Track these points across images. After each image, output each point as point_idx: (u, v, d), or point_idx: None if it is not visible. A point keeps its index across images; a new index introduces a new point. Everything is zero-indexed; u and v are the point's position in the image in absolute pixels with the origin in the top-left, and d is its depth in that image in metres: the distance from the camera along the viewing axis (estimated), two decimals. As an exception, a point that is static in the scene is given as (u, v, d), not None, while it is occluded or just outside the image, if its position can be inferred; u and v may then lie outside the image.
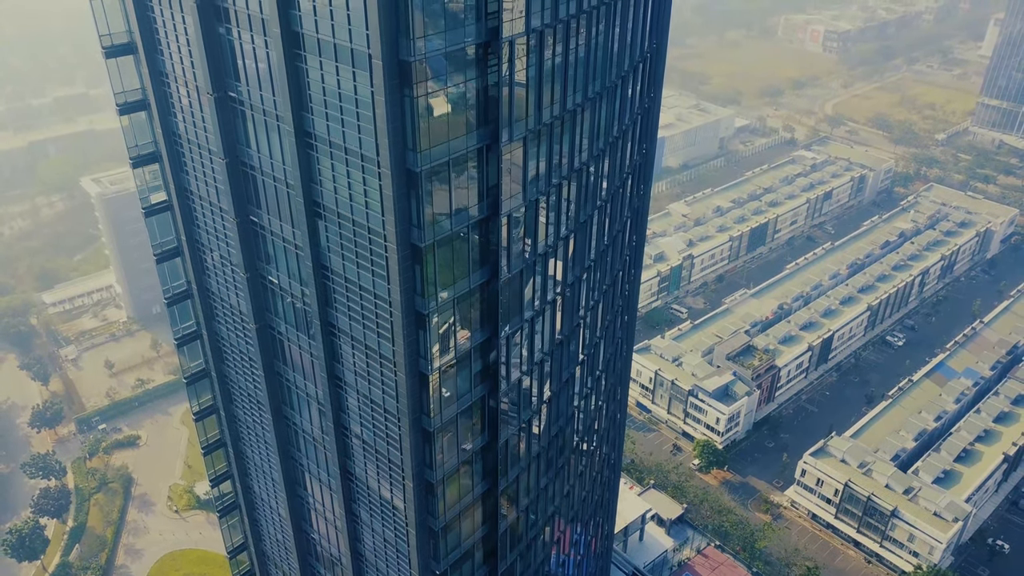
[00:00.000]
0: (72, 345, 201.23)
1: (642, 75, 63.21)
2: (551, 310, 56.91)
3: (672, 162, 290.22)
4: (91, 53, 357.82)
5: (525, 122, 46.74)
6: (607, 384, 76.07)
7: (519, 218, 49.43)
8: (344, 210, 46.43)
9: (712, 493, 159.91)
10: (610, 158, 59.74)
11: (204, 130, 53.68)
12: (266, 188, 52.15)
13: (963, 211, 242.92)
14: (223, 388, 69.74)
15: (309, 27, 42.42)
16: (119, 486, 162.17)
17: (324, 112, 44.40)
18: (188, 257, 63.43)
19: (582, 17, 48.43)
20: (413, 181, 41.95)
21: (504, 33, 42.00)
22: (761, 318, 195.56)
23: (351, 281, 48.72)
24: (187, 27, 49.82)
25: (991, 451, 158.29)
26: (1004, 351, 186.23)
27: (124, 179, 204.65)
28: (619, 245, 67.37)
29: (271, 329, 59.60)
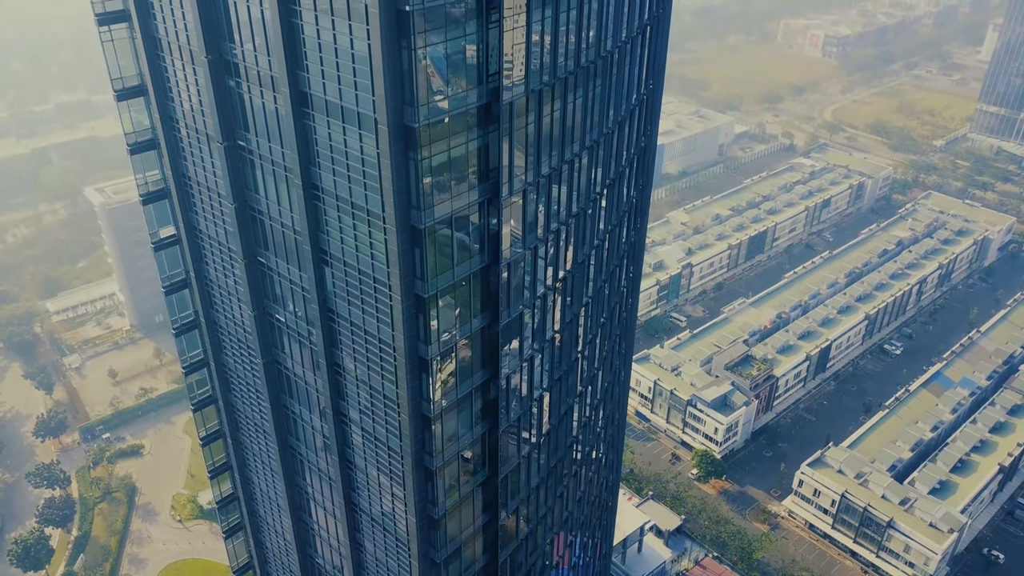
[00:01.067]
0: (76, 354, 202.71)
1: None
2: (550, 348, 58.32)
3: (672, 169, 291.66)
4: (93, 58, 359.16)
5: (524, 176, 48.28)
6: (606, 399, 76.99)
7: (519, 263, 50.94)
8: (350, 259, 47.94)
9: (710, 503, 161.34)
10: (608, 199, 61.20)
11: (213, 175, 55.19)
12: (274, 232, 53.63)
13: (961, 219, 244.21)
14: (229, 416, 71.24)
15: (317, 89, 43.94)
16: (123, 495, 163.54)
17: (331, 168, 45.92)
18: (196, 290, 64.90)
19: (579, 73, 49.93)
20: (417, 237, 43.47)
21: (504, 98, 43.50)
22: (760, 327, 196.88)
23: (356, 325, 50.24)
24: (198, 78, 51.29)
25: (987, 462, 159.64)
26: (1000, 361, 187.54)
27: (127, 188, 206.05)
28: (616, 281, 68.69)
29: (278, 364, 61.12)
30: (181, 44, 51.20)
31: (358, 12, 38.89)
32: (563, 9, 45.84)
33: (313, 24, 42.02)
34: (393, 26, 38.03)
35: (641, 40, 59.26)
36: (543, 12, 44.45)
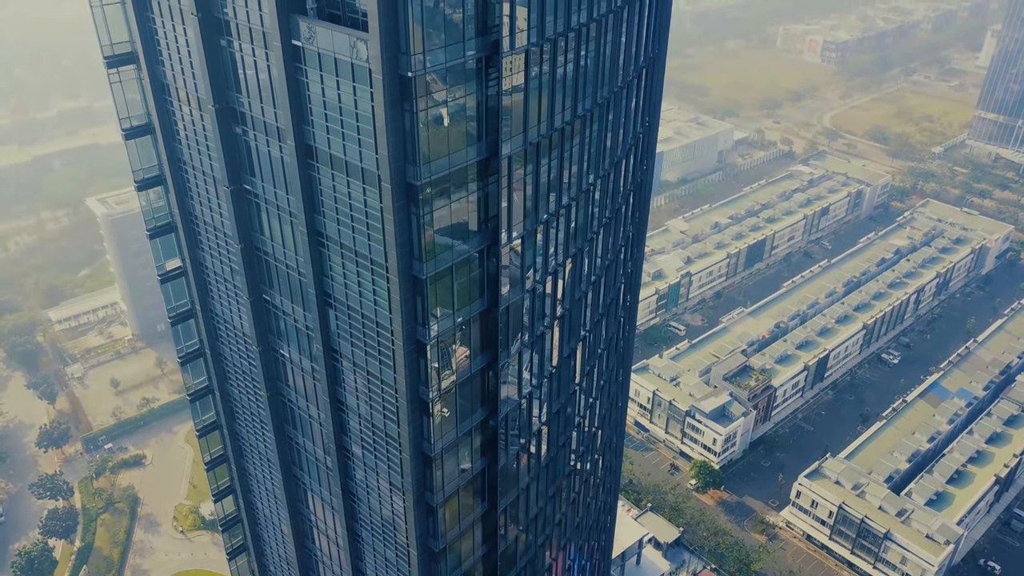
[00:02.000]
0: (78, 363, 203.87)
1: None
2: (548, 383, 59.41)
3: (671, 176, 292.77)
4: (95, 64, 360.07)
5: (523, 223, 49.59)
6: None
7: (518, 308, 52.20)
8: (354, 304, 49.18)
9: (709, 514, 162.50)
10: (604, 236, 62.25)
11: (220, 215, 56.40)
12: (279, 272, 54.86)
13: (959, 227, 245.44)
14: (234, 444, 72.44)
15: (322, 143, 45.20)
16: (125, 506, 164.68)
17: (336, 217, 47.16)
18: (202, 322, 66.11)
19: (576, 122, 51.15)
20: (419, 286, 44.72)
21: (503, 152, 44.79)
22: (758, 337, 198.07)
23: (359, 365, 51.48)
24: (205, 124, 52.48)
25: (983, 473, 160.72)
26: (997, 371, 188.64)
27: (129, 199, 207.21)
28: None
29: (281, 396, 62.34)
30: (189, 91, 52.45)
31: (362, 75, 40.14)
32: (560, 64, 47.07)
33: (319, 83, 43.26)
34: (396, 90, 39.28)
35: (637, 83, 60.46)
36: (540, 69, 45.70)
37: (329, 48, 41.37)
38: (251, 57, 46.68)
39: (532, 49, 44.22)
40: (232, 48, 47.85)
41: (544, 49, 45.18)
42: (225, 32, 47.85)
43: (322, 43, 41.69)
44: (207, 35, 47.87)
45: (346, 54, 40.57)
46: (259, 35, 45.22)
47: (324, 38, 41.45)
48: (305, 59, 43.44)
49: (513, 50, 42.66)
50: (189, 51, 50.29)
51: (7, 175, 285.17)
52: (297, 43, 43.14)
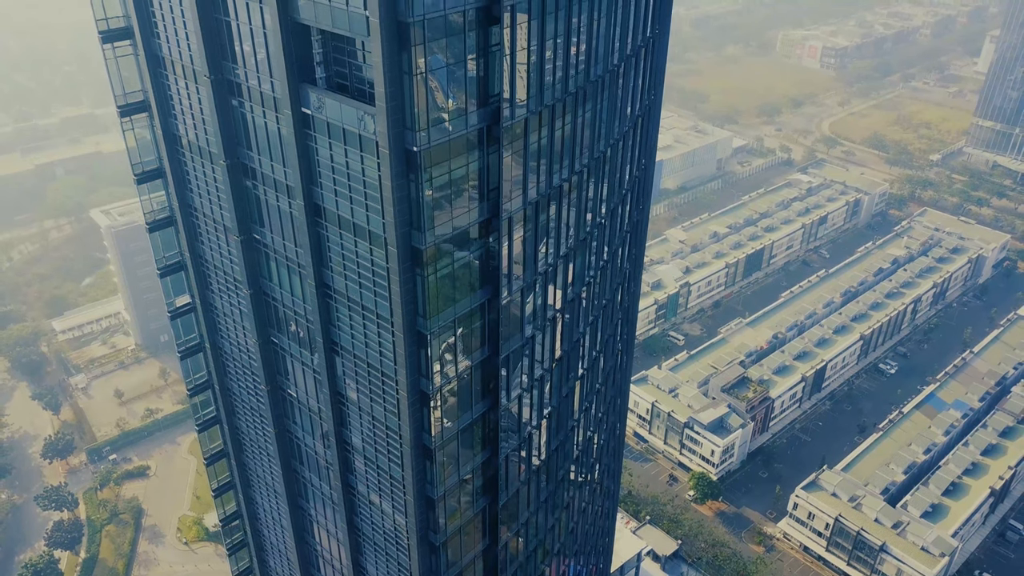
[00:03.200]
0: (82, 374, 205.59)
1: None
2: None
3: (670, 184, 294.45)
4: (97, 71, 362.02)
5: (523, 277, 51.40)
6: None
7: (518, 356, 54.00)
8: (360, 353, 50.95)
9: (707, 526, 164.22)
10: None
11: (229, 260, 58.15)
12: (287, 318, 56.64)
13: (956, 236, 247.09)
14: (242, 474, 74.19)
15: (330, 204, 46.99)
16: (130, 517, 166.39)
17: (343, 273, 48.94)
18: (211, 356, 67.89)
19: (574, 178, 52.94)
20: (423, 340, 46.52)
21: (504, 213, 46.55)
22: (756, 347, 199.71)
23: (364, 410, 53.26)
24: (216, 176, 54.24)
25: (978, 485, 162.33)
26: (993, 382, 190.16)
27: (132, 210, 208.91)
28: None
29: (289, 433, 64.13)
30: (201, 145, 54.20)
31: (369, 146, 41.88)
32: (557, 128, 48.89)
33: (327, 149, 45.01)
34: (402, 162, 41.04)
35: (633, 131, 61.92)
36: (539, 134, 47.55)
37: (338, 119, 43.15)
38: (262, 119, 48.45)
39: (531, 116, 46.02)
40: (243, 109, 49.63)
41: (542, 115, 46.95)
42: (237, 93, 49.60)
43: (331, 113, 43.48)
44: (219, 95, 49.63)
45: (354, 126, 42.34)
46: (270, 100, 46.98)
47: (333, 109, 43.22)
48: (314, 126, 45.20)
49: (514, 119, 44.46)
50: (201, 108, 52.04)
51: (10, 183, 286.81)
52: (307, 111, 44.92)
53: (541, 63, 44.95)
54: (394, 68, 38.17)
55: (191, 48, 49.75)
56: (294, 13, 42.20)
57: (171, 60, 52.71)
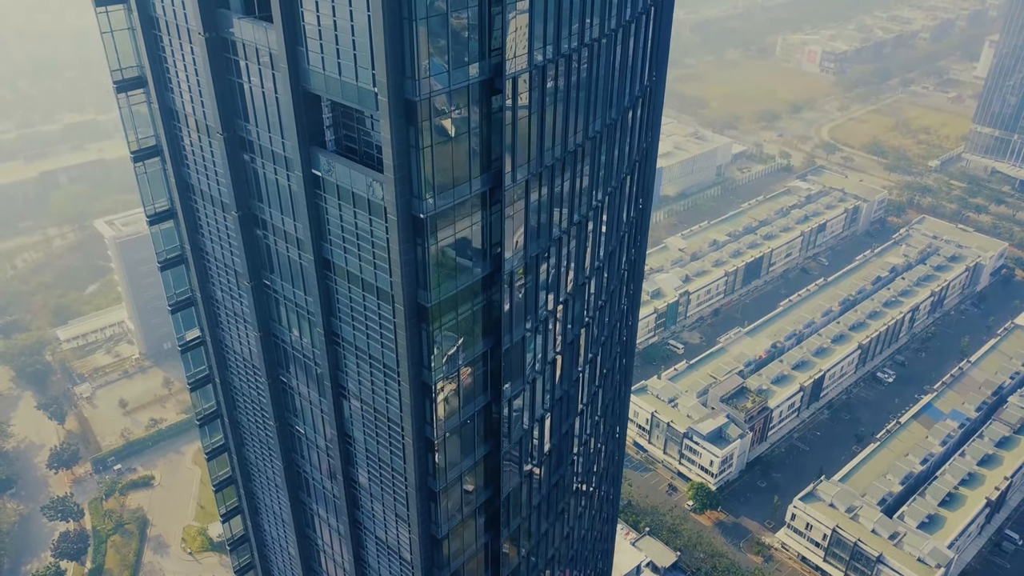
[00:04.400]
0: (87, 383, 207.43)
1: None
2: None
3: (670, 191, 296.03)
4: (99, 77, 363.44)
5: (523, 324, 53.22)
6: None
7: (518, 400, 55.82)
8: (367, 399, 52.72)
9: (706, 536, 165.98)
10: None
11: (240, 303, 59.91)
12: (296, 360, 58.42)
13: (954, 244, 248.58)
14: (251, 505, 75.98)
15: (339, 260, 48.72)
16: (135, 528, 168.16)
17: (351, 323, 50.68)
18: (219, 387, 69.73)
19: (573, 229, 54.74)
20: (427, 390, 48.32)
21: (506, 268, 48.35)
22: (755, 357, 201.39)
23: (371, 452, 55.06)
24: (228, 225, 55.97)
25: (974, 495, 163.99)
26: (990, 392, 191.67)
27: (136, 220, 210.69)
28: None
29: (297, 468, 65.95)
30: (213, 195, 55.93)
31: (377, 210, 43.58)
32: (557, 186, 50.73)
33: (336, 209, 46.74)
34: (409, 228, 42.79)
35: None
36: (539, 193, 49.36)
37: (347, 182, 44.86)
38: (273, 175, 50.16)
39: (532, 178, 47.78)
40: (255, 164, 51.36)
41: (542, 176, 48.70)
42: (249, 149, 51.31)
43: (340, 177, 45.19)
44: (231, 150, 51.34)
45: (363, 190, 44.07)
46: (281, 159, 48.69)
47: (343, 173, 44.93)
48: (324, 187, 46.92)
49: (515, 183, 46.23)
50: (214, 160, 53.74)
51: (14, 191, 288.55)
52: (317, 173, 46.64)
53: (541, 127, 46.68)
54: (402, 142, 39.91)
55: (204, 105, 51.47)
56: (305, 83, 43.91)
57: (184, 114, 54.45)
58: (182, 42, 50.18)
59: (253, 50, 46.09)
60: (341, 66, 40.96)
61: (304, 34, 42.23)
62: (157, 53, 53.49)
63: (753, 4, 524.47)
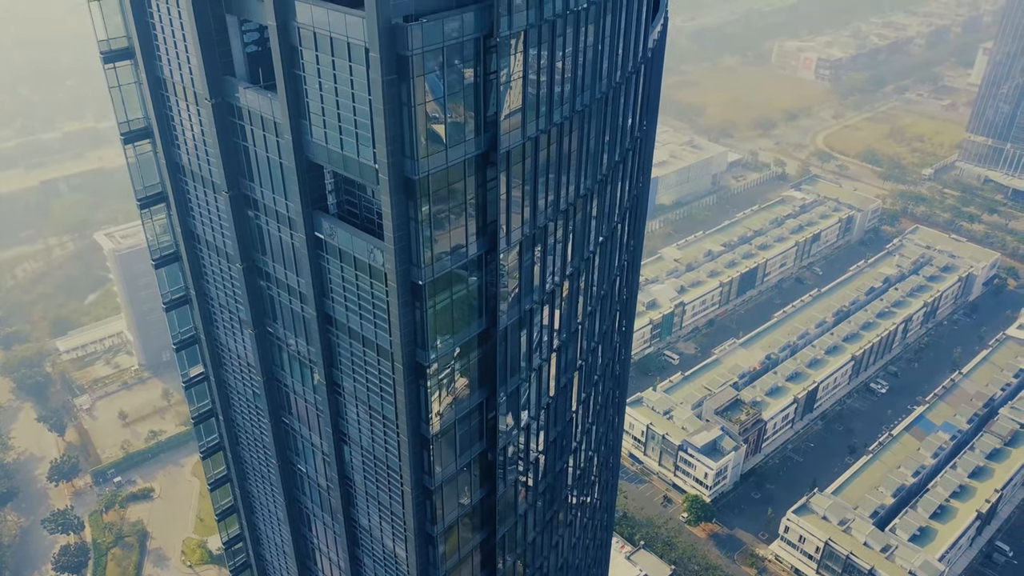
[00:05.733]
0: (86, 394, 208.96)
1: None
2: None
3: (665, 199, 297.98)
4: (99, 85, 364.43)
5: (520, 373, 55.15)
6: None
7: (515, 447, 57.72)
8: (367, 445, 54.57)
9: (700, 548, 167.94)
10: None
11: (244, 348, 61.75)
12: (298, 404, 60.24)
13: (946, 255, 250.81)
14: (253, 539, 77.75)
15: (340, 316, 50.53)
16: (135, 540, 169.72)
17: (352, 375, 52.54)
18: (222, 418, 71.52)
19: (567, 283, 56.56)
20: (426, 442, 50.28)
21: (500, 324, 50.27)
22: (749, 368, 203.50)
23: (371, 495, 56.90)
24: (233, 278, 57.80)
25: (965, 508, 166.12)
26: (981, 403, 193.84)
27: (135, 233, 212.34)
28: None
29: (298, 503, 67.76)
30: (218, 246, 57.70)
31: (378, 274, 45.40)
32: (550, 246, 52.63)
33: (339, 271, 48.54)
34: (408, 292, 44.61)
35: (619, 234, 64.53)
36: (532, 254, 51.16)
37: (349, 247, 46.66)
38: (276, 232, 51.92)
39: (525, 240, 49.69)
40: (259, 221, 53.14)
41: (535, 236, 50.58)
42: (253, 207, 53.11)
43: (342, 241, 47.01)
44: (236, 206, 53.10)
45: (364, 255, 45.85)
46: (284, 219, 50.50)
47: (344, 238, 46.74)
48: (326, 248, 48.72)
49: (509, 247, 48.08)
50: (219, 214, 55.48)
51: (15, 199, 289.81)
52: (320, 235, 48.47)
53: (534, 192, 48.53)
54: (401, 215, 41.74)
55: (210, 163, 53.23)
56: (308, 153, 45.69)
57: (190, 170, 56.23)
58: (188, 103, 51.94)
59: (258, 117, 47.86)
60: (343, 142, 42.79)
61: (308, 109, 44.05)
62: (164, 111, 55.23)
63: (750, 10, 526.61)
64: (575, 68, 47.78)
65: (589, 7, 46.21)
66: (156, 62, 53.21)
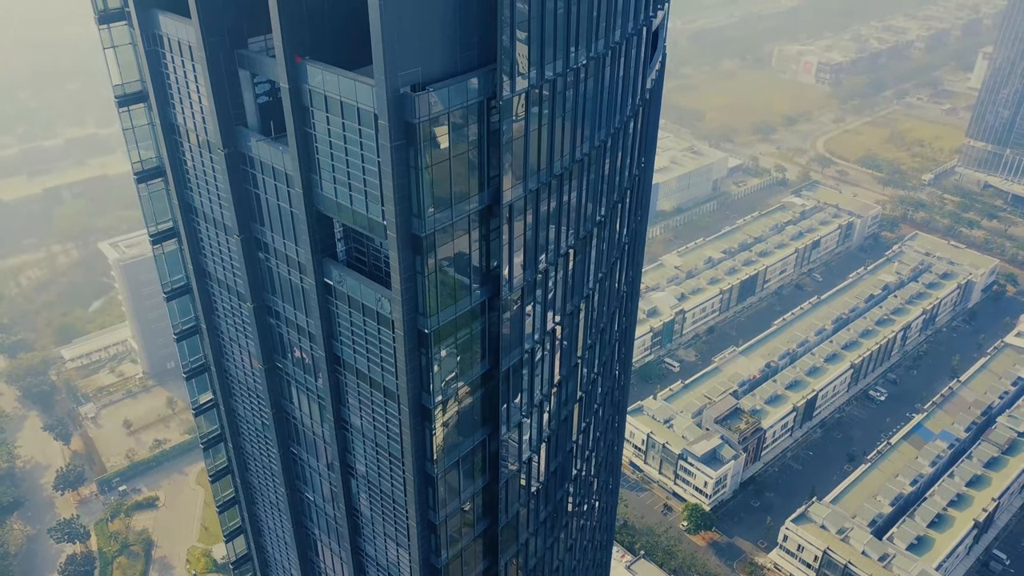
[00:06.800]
0: (91, 403, 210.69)
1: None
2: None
3: (666, 206, 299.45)
4: (100, 90, 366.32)
5: (520, 414, 56.88)
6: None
7: (515, 479, 59.48)
8: (373, 480, 56.25)
9: (700, 557, 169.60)
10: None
11: (254, 381, 63.41)
12: (306, 436, 61.93)
13: (946, 261, 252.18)
14: (260, 561, 79.49)
15: (349, 358, 52.23)
16: (140, 549, 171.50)
17: (359, 412, 54.22)
18: (231, 444, 73.25)
19: (566, 319, 58.11)
20: (431, 481, 51.98)
21: (502, 366, 51.96)
22: (749, 377, 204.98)
23: (377, 528, 58.61)
24: (243, 315, 59.47)
25: (963, 517, 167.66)
26: (979, 412, 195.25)
27: (139, 243, 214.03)
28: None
29: (306, 529, 69.47)
30: (229, 284, 59.32)
31: (385, 322, 47.08)
32: (550, 288, 54.31)
33: (347, 316, 50.16)
34: (414, 340, 46.28)
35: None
36: (534, 296, 52.86)
37: (357, 294, 48.30)
38: (286, 275, 53.58)
39: (527, 286, 51.37)
40: (269, 263, 54.80)
41: (537, 281, 52.24)
42: (264, 249, 54.75)
43: (351, 288, 48.64)
44: (247, 248, 54.73)
45: (372, 303, 47.50)
46: (295, 263, 52.13)
47: (353, 286, 48.38)
48: (335, 294, 50.38)
49: (511, 292, 49.75)
50: (231, 255, 57.08)
51: (18, 207, 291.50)
52: (329, 282, 50.14)
53: (535, 245, 50.21)
54: (408, 268, 43.38)
55: (222, 207, 54.80)
56: (319, 205, 47.31)
57: (202, 211, 57.83)
58: (202, 151, 53.52)
59: (270, 168, 49.47)
60: (353, 198, 44.42)
61: (318, 165, 45.67)
62: (177, 155, 56.84)
63: (750, 13, 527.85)
64: (575, 120, 49.38)
65: (588, 63, 47.89)
66: (170, 109, 54.79)
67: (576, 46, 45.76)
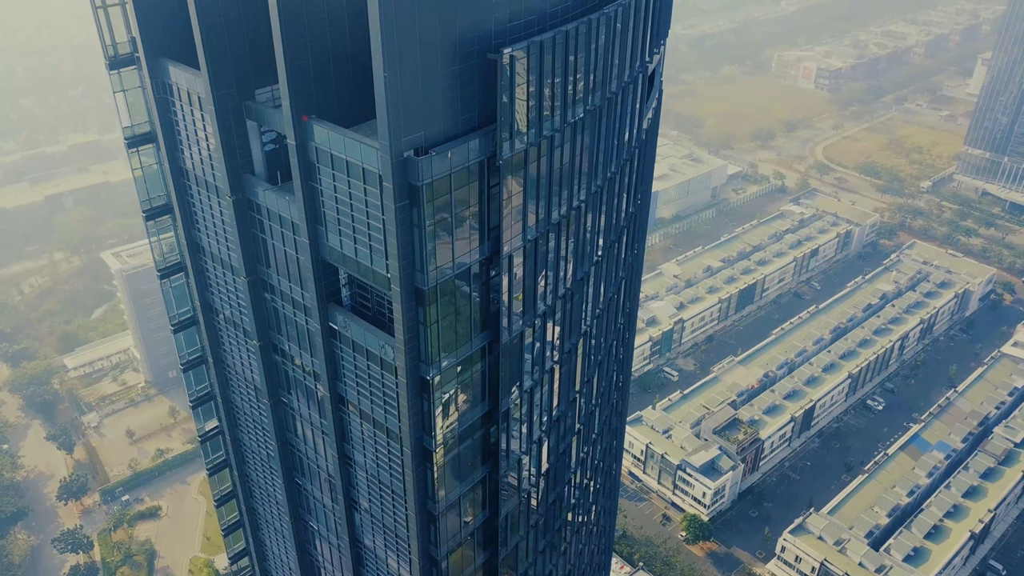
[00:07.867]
0: (94, 412, 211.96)
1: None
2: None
3: (665, 213, 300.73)
4: (102, 96, 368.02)
5: (520, 448, 58.27)
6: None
7: (515, 513, 60.97)
8: (376, 513, 57.71)
9: (698, 567, 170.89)
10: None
11: (260, 415, 64.89)
12: (311, 468, 63.37)
13: (943, 270, 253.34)
14: (259, 554, 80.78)
15: (352, 399, 53.74)
16: (143, 559, 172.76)
17: (363, 449, 55.67)
18: (236, 469, 74.63)
19: (564, 359, 59.49)
20: (432, 519, 53.43)
21: (502, 407, 53.38)
22: (747, 387, 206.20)
23: (380, 559, 60.03)
24: (249, 351, 60.85)
25: (959, 528, 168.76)
26: (976, 422, 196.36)
27: (142, 252, 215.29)
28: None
29: (310, 557, 70.90)
30: (236, 321, 60.76)
31: (389, 367, 48.51)
32: (549, 332, 55.78)
33: (352, 360, 51.61)
34: (417, 386, 47.73)
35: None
36: (534, 338, 54.29)
37: (362, 340, 49.75)
38: (292, 316, 54.98)
39: (527, 328, 52.79)
40: (275, 304, 56.18)
41: (536, 324, 53.73)
42: (270, 291, 56.15)
43: (355, 334, 50.10)
44: (254, 289, 56.17)
45: (376, 348, 48.94)
46: (300, 306, 53.55)
47: (358, 332, 49.84)
48: (340, 338, 51.82)
49: (511, 336, 51.20)
50: (237, 293, 58.51)
51: (21, 214, 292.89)
52: (334, 326, 51.53)
53: (535, 288, 51.61)
54: (411, 319, 44.81)
55: (229, 249, 56.19)
56: (324, 254, 48.74)
57: (210, 251, 59.22)
58: (210, 195, 54.93)
59: (276, 216, 50.89)
60: (358, 251, 45.86)
61: (324, 217, 47.12)
62: (185, 197, 58.26)
63: (749, 19, 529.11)
64: (572, 170, 50.78)
65: (585, 116, 49.25)
66: (179, 153, 56.18)
67: (574, 104, 47.16)
